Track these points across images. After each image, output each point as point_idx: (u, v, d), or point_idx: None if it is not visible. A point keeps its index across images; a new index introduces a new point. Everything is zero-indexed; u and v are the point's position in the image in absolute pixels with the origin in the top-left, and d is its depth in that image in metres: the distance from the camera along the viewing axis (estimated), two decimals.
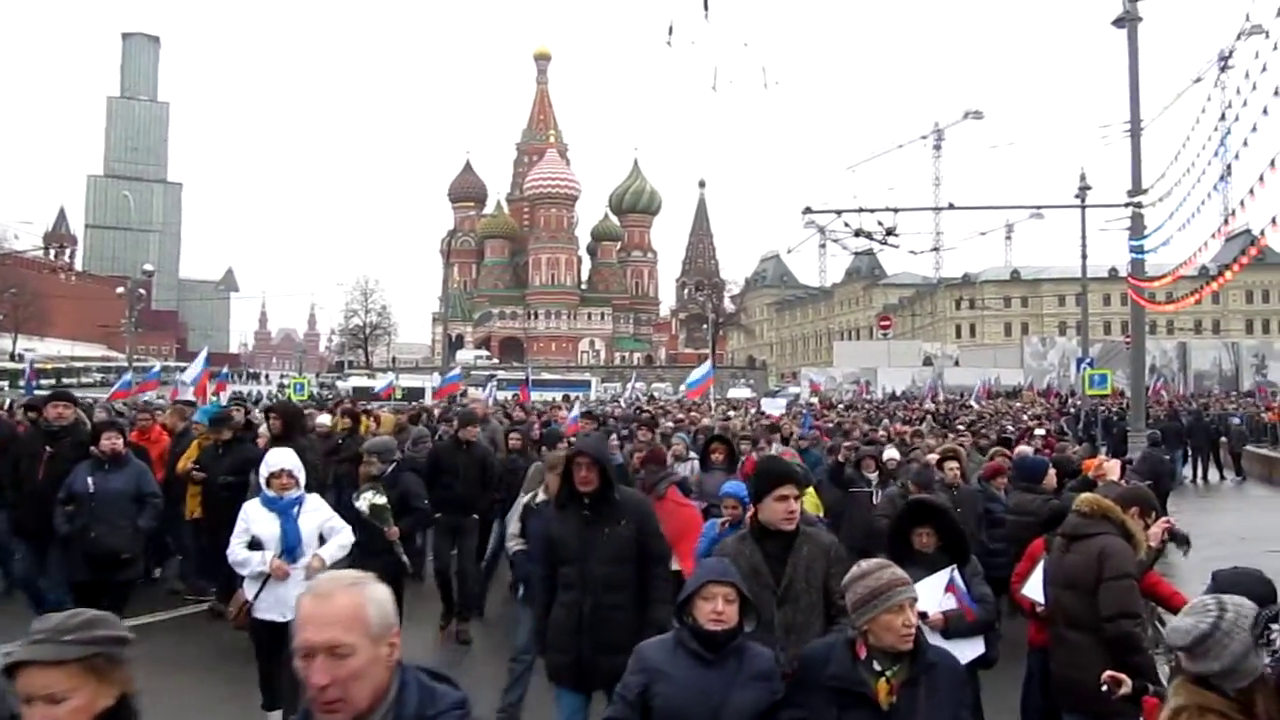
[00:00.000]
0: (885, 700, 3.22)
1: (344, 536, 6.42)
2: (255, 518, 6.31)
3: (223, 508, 8.22)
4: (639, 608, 4.99)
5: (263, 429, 10.54)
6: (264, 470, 6.42)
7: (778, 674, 3.58)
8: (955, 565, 5.06)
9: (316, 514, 6.43)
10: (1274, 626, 2.40)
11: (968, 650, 4.89)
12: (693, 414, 20.50)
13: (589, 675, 4.96)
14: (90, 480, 7.52)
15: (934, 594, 4.91)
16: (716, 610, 3.50)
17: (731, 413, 24.78)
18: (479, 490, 9.61)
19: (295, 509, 6.31)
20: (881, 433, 15.31)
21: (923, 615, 4.62)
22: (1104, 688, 4.09)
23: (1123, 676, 4.12)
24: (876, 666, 3.25)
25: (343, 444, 11.35)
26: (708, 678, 3.50)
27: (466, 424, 10.34)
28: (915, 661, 3.29)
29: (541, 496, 6.71)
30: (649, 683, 3.52)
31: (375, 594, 2.23)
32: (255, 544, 6.22)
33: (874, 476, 9.53)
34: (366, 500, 7.47)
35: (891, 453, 10.83)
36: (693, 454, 10.36)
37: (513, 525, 7.24)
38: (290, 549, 6.18)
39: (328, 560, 6.12)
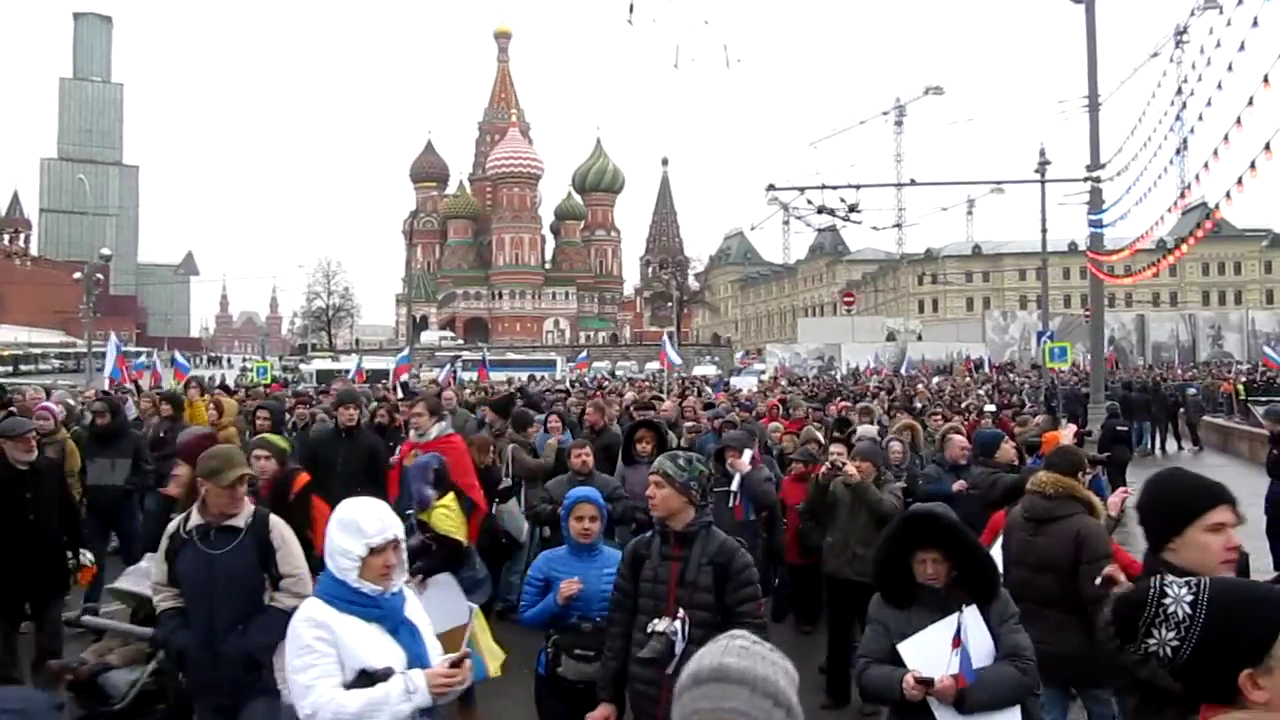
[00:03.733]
0: None
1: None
2: (354, 641, 3.26)
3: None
4: None
5: None
6: (342, 541, 3.29)
7: None
8: (972, 605, 3.68)
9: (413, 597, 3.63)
10: (1165, 601, 2.41)
11: None
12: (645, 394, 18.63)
13: None
14: None
15: (939, 650, 3.60)
16: None
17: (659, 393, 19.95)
18: (366, 487, 6.69)
19: (403, 605, 3.46)
20: (832, 410, 14.29)
21: (927, 683, 3.54)
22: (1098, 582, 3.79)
23: (1120, 577, 3.68)
24: None
25: (165, 437, 9.46)
26: None
27: (342, 404, 8.56)
28: None
29: (197, 519, 4.56)
30: None
31: None
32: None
33: (739, 471, 7.56)
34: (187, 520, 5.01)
35: (814, 434, 9.86)
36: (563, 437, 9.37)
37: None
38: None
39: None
